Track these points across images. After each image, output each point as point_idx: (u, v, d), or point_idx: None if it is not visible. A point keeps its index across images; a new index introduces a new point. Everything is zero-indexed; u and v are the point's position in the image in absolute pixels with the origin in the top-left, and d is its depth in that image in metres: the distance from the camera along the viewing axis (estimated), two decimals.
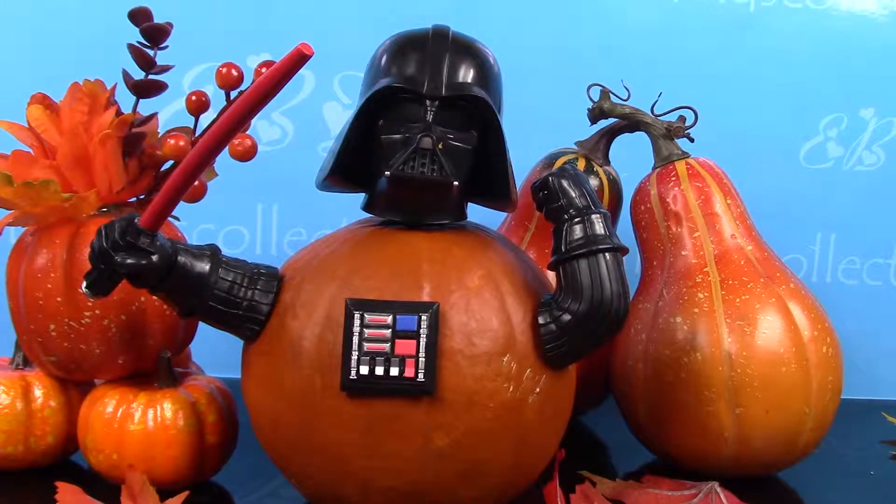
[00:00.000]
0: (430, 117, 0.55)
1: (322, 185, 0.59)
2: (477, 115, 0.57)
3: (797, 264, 0.97)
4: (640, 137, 0.78)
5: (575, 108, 0.80)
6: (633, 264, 0.80)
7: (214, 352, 0.73)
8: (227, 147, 0.51)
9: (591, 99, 0.79)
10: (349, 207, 0.65)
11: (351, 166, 0.59)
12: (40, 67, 0.87)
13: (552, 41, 0.92)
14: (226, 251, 0.58)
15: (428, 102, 0.55)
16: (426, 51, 0.56)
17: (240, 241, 0.92)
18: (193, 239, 0.90)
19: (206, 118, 0.67)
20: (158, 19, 0.65)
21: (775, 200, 0.95)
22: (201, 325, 0.63)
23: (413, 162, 0.55)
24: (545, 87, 0.91)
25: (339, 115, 0.91)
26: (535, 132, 0.85)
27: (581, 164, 0.78)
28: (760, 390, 0.65)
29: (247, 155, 0.65)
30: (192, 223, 0.89)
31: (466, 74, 0.56)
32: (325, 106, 0.92)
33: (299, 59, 0.43)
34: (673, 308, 0.69)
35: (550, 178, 0.57)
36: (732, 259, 0.70)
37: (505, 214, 0.81)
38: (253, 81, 0.65)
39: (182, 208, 0.58)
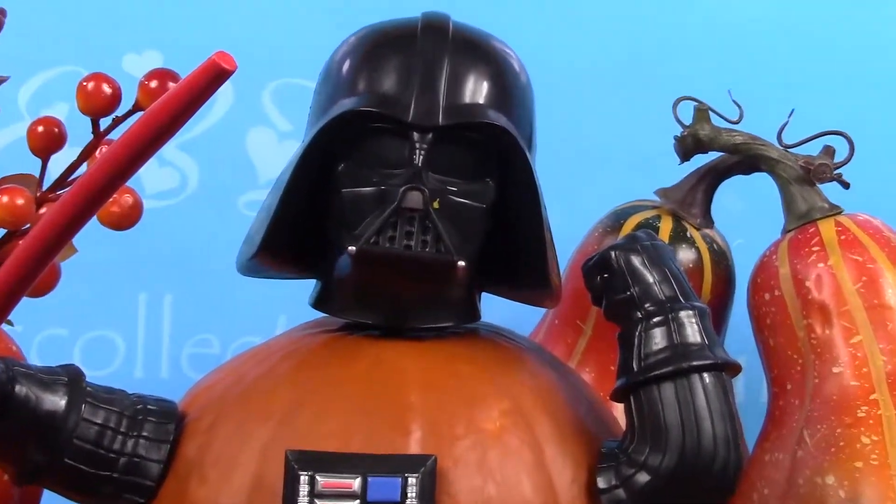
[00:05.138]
0: (419, 159, 0.58)
1: (247, 265, 0.62)
2: (494, 155, 0.60)
3: None
4: (762, 182, 0.81)
5: (653, 137, 0.83)
6: (755, 389, 0.82)
7: None
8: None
9: (679, 122, 0.80)
10: (290, 301, 0.67)
11: (294, 237, 0.62)
12: None
13: (613, 35, 0.95)
14: (89, 375, 0.60)
15: (416, 136, 0.58)
16: (413, 54, 0.59)
17: (110, 355, 0.94)
18: (33, 354, 0.91)
19: (59, 159, 0.70)
20: None
21: None
22: (49, 494, 0.64)
23: (393, 230, 0.57)
24: (604, 105, 0.94)
25: (272, 149, 0.94)
26: (590, 176, 0.87)
27: (665, 228, 0.80)
28: None
29: (126, 220, 0.68)
30: (31, 329, 0.91)
31: (476, 90, 0.59)
32: (251, 135, 0.95)
33: (214, 78, 0.45)
34: (820, 461, 0.70)
35: (614, 254, 0.60)
36: None
37: (542, 311, 0.83)
38: (137, 100, 0.69)
39: (18, 306, 0.60)
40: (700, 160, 0.83)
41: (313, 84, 0.64)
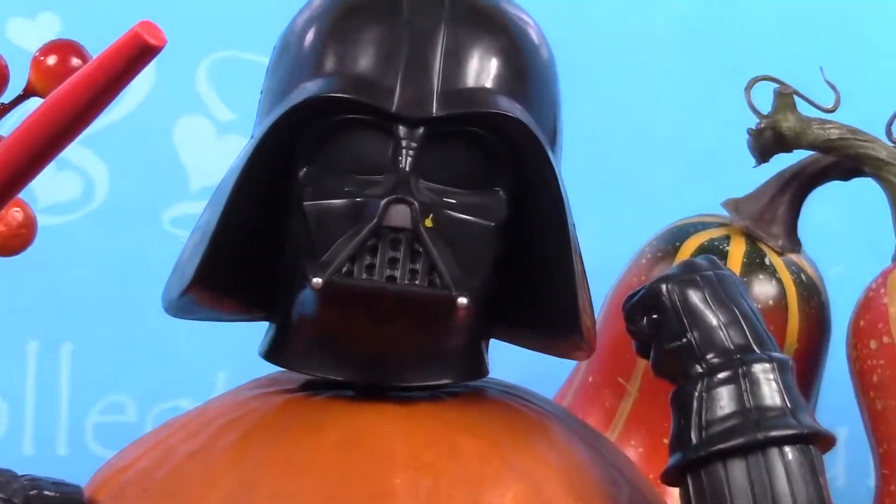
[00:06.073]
0: (406, 162, 0.58)
1: (177, 303, 0.62)
2: (506, 157, 0.60)
3: None
4: (866, 191, 0.81)
5: (720, 130, 0.83)
6: (859, 468, 0.81)
7: None
8: None
9: (755, 111, 0.80)
10: (234, 351, 0.67)
11: (240, 265, 0.61)
12: None
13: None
14: None
15: (403, 131, 0.58)
16: (399, 22, 0.59)
17: None
18: None
19: None
20: None
21: None
22: None
23: (371, 257, 0.57)
24: (655, 89, 0.94)
25: (208, 147, 0.95)
26: (635, 184, 0.87)
27: (736, 252, 0.80)
28: None
29: (13, 243, 0.68)
30: None
31: (482, 71, 0.59)
32: (179, 127, 0.95)
33: (136, 56, 0.45)
34: None
35: (665, 288, 0.60)
36: None
37: (572, 364, 0.83)
38: (30, 82, 0.69)
39: None
40: (782, 161, 0.83)
41: (265, 60, 0.63)
